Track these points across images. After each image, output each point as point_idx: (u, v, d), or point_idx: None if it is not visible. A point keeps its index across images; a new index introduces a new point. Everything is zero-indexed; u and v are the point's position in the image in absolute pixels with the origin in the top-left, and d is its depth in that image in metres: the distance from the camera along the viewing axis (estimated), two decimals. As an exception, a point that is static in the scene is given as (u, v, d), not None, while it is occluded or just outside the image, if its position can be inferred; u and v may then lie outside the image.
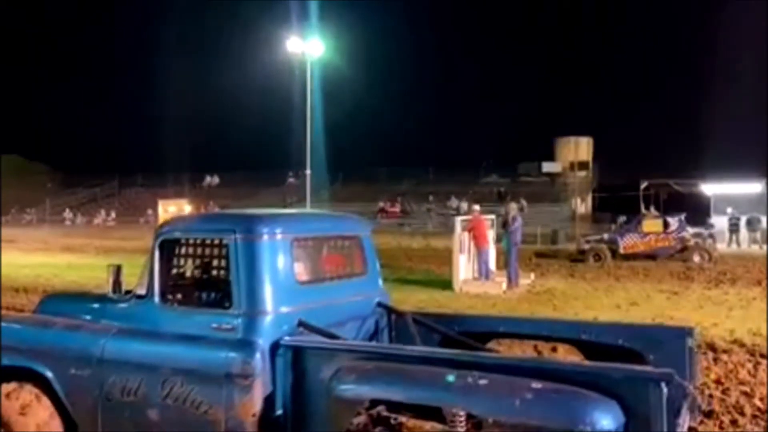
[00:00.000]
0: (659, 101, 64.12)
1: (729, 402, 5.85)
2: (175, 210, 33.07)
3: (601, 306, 11.66)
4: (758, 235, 27.17)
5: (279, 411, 3.28)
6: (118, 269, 3.97)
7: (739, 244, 26.61)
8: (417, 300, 11.85)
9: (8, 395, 3.78)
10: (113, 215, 47.28)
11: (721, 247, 24.25)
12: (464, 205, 36.41)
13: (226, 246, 3.61)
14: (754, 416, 5.47)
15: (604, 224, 29.92)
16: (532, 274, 16.03)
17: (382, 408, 3.11)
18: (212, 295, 3.86)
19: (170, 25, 70.17)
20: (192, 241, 3.92)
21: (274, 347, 3.32)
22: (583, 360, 3.88)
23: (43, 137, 69.24)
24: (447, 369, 2.89)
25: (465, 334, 4.06)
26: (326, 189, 42.09)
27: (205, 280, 4.03)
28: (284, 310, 3.48)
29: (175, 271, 3.94)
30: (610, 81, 67.33)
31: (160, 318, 3.67)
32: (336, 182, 46.02)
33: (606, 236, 22.08)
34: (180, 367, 3.42)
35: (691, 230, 21.14)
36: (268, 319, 3.40)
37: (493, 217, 16.45)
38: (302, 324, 3.48)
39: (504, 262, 14.79)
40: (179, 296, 3.89)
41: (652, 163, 39.44)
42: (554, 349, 6.23)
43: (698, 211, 28.45)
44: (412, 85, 72.59)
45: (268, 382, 3.28)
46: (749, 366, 7.11)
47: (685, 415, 3.15)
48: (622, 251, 20.85)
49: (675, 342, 3.55)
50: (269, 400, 3.26)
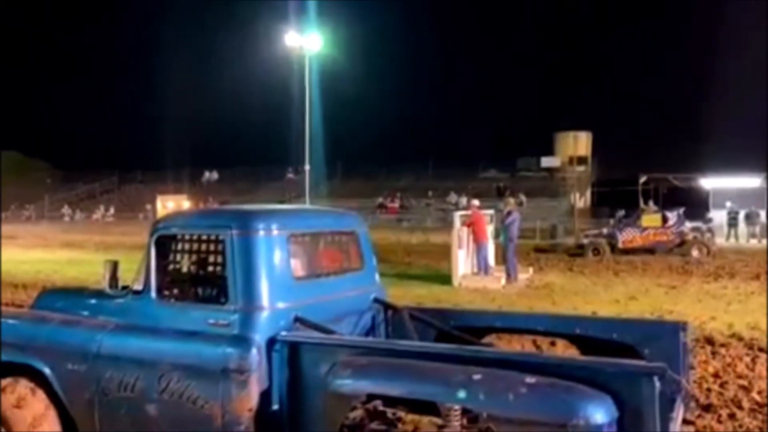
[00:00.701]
0: (658, 96, 64.11)
1: (727, 396, 5.86)
2: (174, 206, 33.10)
3: (599, 300, 11.68)
4: (757, 229, 27.20)
5: (275, 406, 3.29)
6: (115, 265, 3.97)
7: (737, 239, 26.63)
8: (416, 295, 11.86)
9: (4, 389, 3.79)
10: (112, 211, 47.29)
11: (720, 241, 24.27)
12: (463, 200, 36.41)
13: (223, 242, 3.61)
14: (752, 410, 5.48)
15: (603, 219, 29.94)
16: (531, 269, 16.05)
17: (378, 402, 3.13)
18: (209, 290, 3.86)
19: (168, 22, 70.04)
20: (188, 237, 3.92)
21: (271, 343, 3.32)
22: (578, 354, 3.90)
23: (42, 133, 69.20)
24: (442, 364, 2.91)
25: (461, 329, 4.07)
26: (325, 185, 42.08)
27: (201, 275, 4.02)
28: (280, 305, 3.48)
29: (171, 267, 3.94)
30: (609, 76, 67.32)
31: (156, 314, 3.68)
32: (335, 178, 46.00)
33: (605, 231, 22.13)
34: (176, 363, 3.42)
35: (689, 224, 21.20)
36: (264, 315, 3.41)
37: (491, 212, 16.48)
38: (298, 319, 3.48)
39: (502, 257, 14.82)
40: (176, 292, 3.89)
41: (651, 158, 39.44)
42: (553, 344, 6.26)
43: (697, 206, 28.54)
44: (411, 80, 72.49)
45: (265, 378, 3.29)
46: (747, 360, 7.13)
47: (679, 408, 3.17)
48: (620, 246, 20.90)
49: (669, 337, 3.57)
50: (265, 395, 3.27)
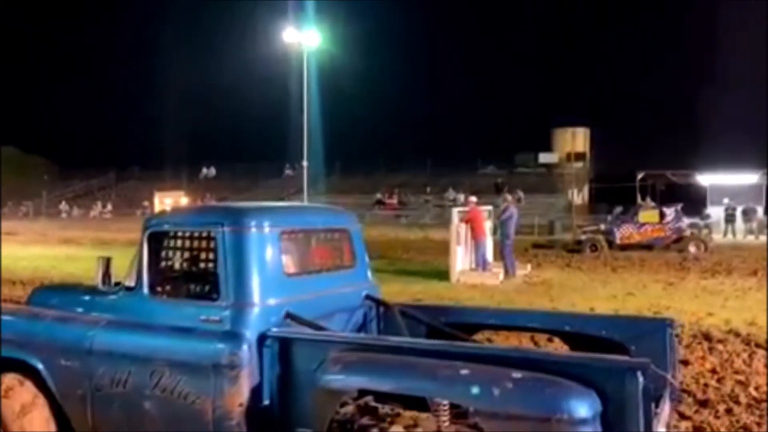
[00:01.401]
0: (656, 92, 64.14)
1: (724, 391, 5.87)
2: (172, 202, 33.07)
3: (597, 297, 11.70)
4: (754, 225, 27.28)
5: (266, 401, 3.31)
6: (108, 261, 3.98)
7: (735, 235, 26.70)
8: (414, 291, 11.88)
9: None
10: (109, 207, 47.24)
11: (717, 237, 24.33)
12: (461, 197, 36.42)
13: (214, 238, 3.63)
14: (749, 405, 5.49)
15: (601, 215, 30.01)
16: (529, 265, 16.07)
17: (369, 398, 3.15)
18: (200, 287, 3.87)
19: (166, 18, 69.97)
20: (180, 234, 3.94)
21: (262, 339, 3.33)
22: (567, 350, 3.93)
23: (39, 130, 69.02)
24: (431, 359, 2.93)
25: (452, 326, 4.09)
26: (324, 181, 42.06)
27: (193, 272, 4.03)
28: (272, 302, 3.49)
29: (163, 264, 3.95)
30: (607, 72, 67.31)
31: (148, 310, 3.68)
32: (333, 174, 45.99)
33: (602, 227, 22.16)
34: (168, 359, 3.43)
35: (687, 220, 21.23)
36: (255, 311, 3.42)
37: (490, 208, 16.49)
38: (290, 316, 3.50)
39: (500, 253, 14.84)
40: (168, 288, 3.90)
41: (649, 154, 39.54)
42: (550, 340, 6.28)
43: (694, 202, 28.57)
44: (409, 76, 72.46)
45: (256, 373, 3.30)
46: (744, 355, 7.14)
47: (666, 403, 3.21)
48: (618, 242, 20.93)
49: (656, 333, 3.61)
50: (256, 391, 3.29)
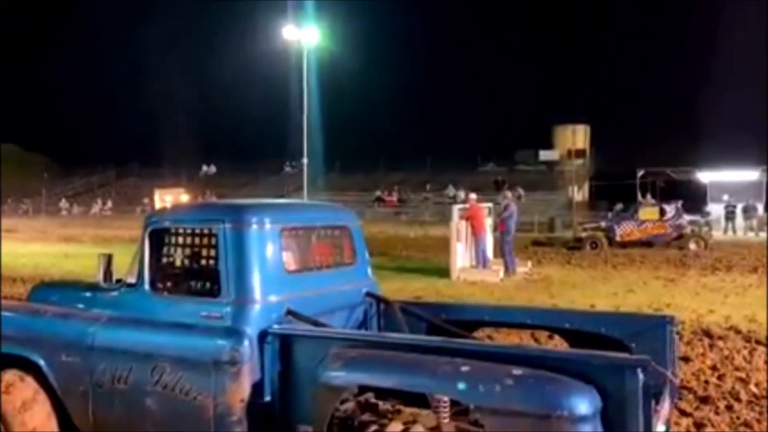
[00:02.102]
0: (656, 89, 64.09)
1: (725, 388, 5.87)
2: (172, 199, 33.05)
3: (597, 293, 11.70)
4: (754, 222, 27.28)
5: (267, 397, 3.32)
6: (109, 258, 3.98)
7: (735, 232, 26.70)
8: (415, 288, 11.88)
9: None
10: (110, 205, 47.23)
11: (717, 234, 24.33)
12: (461, 194, 36.40)
13: (215, 235, 3.64)
14: (750, 402, 5.50)
15: (601, 212, 29.99)
16: (529, 262, 16.06)
17: (370, 395, 3.15)
18: (201, 283, 3.88)
19: (166, 16, 69.79)
20: (181, 231, 3.95)
21: (263, 335, 3.34)
22: (567, 347, 3.93)
23: (39, 127, 68.98)
24: (431, 356, 2.93)
25: (452, 323, 4.09)
26: (324, 178, 42.05)
27: (194, 269, 4.03)
28: (273, 298, 3.49)
29: (164, 260, 3.96)
30: (607, 69, 67.25)
31: (149, 306, 3.69)
32: (333, 171, 45.98)
33: (603, 224, 22.16)
34: (169, 355, 3.44)
35: (687, 218, 21.24)
36: (256, 308, 3.42)
37: (490, 205, 16.48)
38: (290, 312, 3.50)
39: (500, 251, 14.84)
40: (169, 285, 3.90)
41: (649, 151, 39.47)
42: (551, 337, 6.28)
43: (694, 199, 28.58)
44: (409, 73, 72.37)
45: (257, 370, 3.31)
46: (745, 352, 7.14)
47: (666, 400, 3.23)
48: (618, 239, 20.94)
49: (656, 330, 3.61)
50: (257, 387, 3.29)
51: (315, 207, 5.57)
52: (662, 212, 21.03)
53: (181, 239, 3.98)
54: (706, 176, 31.90)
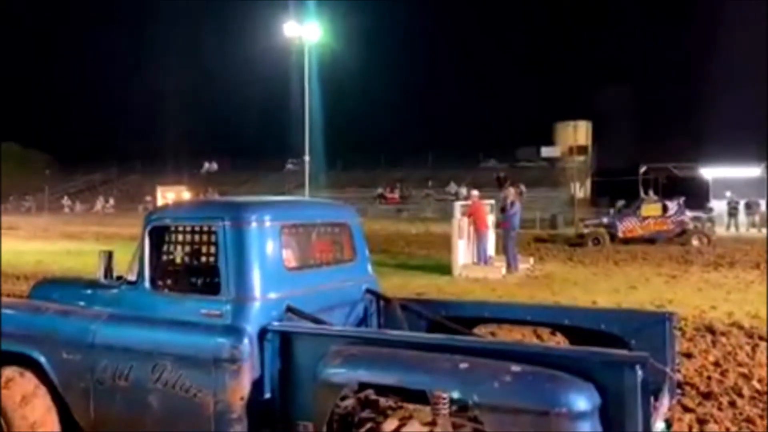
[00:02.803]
0: (658, 85, 63.98)
1: (727, 384, 5.87)
2: (174, 196, 33.09)
3: (599, 290, 11.69)
4: (757, 218, 27.24)
5: (267, 395, 3.32)
6: (109, 255, 3.99)
7: (737, 228, 26.66)
8: (417, 285, 11.88)
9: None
10: (112, 202, 47.29)
11: (720, 230, 24.29)
12: (463, 191, 36.42)
13: (215, 233, 3.63)
14: (753, 398, 5.48)
15: (603, 209, 29.95)
16: (531, 259, 16.05)
17: (370, 392, 3.15)
18: (202, 281, 3.89)
19: (167, 13, 69.76)
20: (181, 228, 3.96)
21: (263, 333, 3.34)
22: (567, 344, 3.93)
23: (40, 125, 69.03)
24: (430, 353, 2.94)
25: (452, 320, 4.09)
26: (325, 175, 42.06)
27: (194, 266, 4.05)
28: (272, 296, 3.49)
29: (165, 258, 3.97)
30: (608, 65, 67.10)
31: (150, 304, 3.69)
32: (335, 168, 46.00)
33: (605, 220, 22.15)
34: (170, 352, 3.44)
35: (689, 214, 21.21)
36: (256, 305, 3.42)
37: (492, 201, 16.48)
38: (290, 310, 3.50)
39: (503, 247, 14.83)
40: (169, 282, 3.91)
41: (651, 148, 39.38)
42: (553, 334, 6.28)
43: (697, 196, 28.53)
44: (411, 70, 72.25)
45: (257, 367, 3.31)
46: (747, 348, 7.14)
47: (665, 396, 3.23)
48: (621, 235, 20.91)
49: (655, 327, 3.61)
50: (257, 385, 3.30)
51: (315, 204, 5.58)
52: (664, 209, 21.00)
53: (181, 237, 4.00)
54: (708, 172, 31.84)
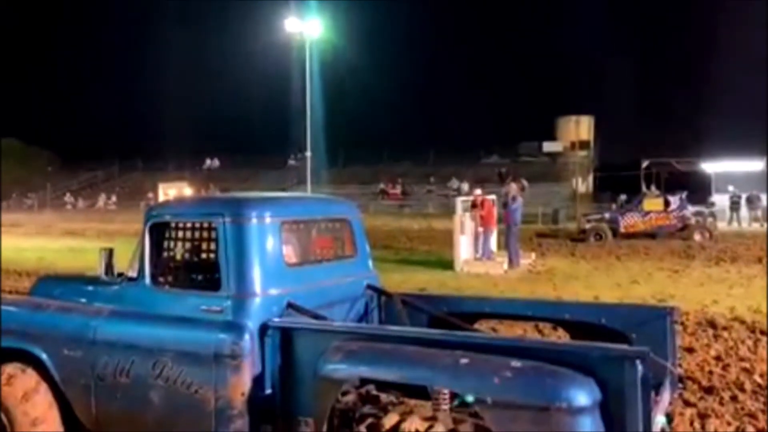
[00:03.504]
0: (660, 80, 63.80)
1: (729, 378, 5.88)
2: (176, 193, 33.06)
3: (601, 285, 11.69)
4: (759, 213, 27.17)
5: (268, 390, 3.33)
6: (110, 252, 4.00)
7: (739, 223, 26.61)
8: (419, 280, 11.90)
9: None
10: (114, 199, 47.30)
11: (722, 225, 24.26)
12: (465, 186, 36.37)
13: (215, 229, 3.64)
14: (754, 392, 5.49)
15: (605, 203, 29.92)
16: (533, 254, 16.07)
17: (371, 387, 3.16)
18: (202, 277, 3.89)
19: (168, 8, 69.60)
20: (182, 225, 3.98)
21: (263, 328, 3.35)
22: (570, 338, 3.93)
23: (42, 121, 69.03)
24: (431, 349, 2.94)
25: (453, 315, 4.10)
26: (326, 171, 42.03)
27: (194, 262, 4.06)
28: (273, 292, 3.50)
29: (165, 254, 3.98)
30: (610, 59, 66.92)
31: (150, 300, 3.70)
32: (336, 164, 45.95)
33: (607, 215, 22.12)
34: (170, 349, 3.45)
35: (691, 209, 21.18)
36: (256, 301, 3.43)
37: (493, 197, 16.48)
38: (291, 306, 3.51)
39: (504, 243, 14.84)
40: (169, 279, 3.92)
41: (653, 142, 39.29)
42: (555, 329, 6.28)
43: (699, 190, 28.47)
44: (412, 65, 72.06)
45: (257, 363, 3.32)
46: (749, 343, 7.14)
47: (666, 391, 3.23)
48: (623, 230, 20.90)
49: (656, 321, 3.62)
50: (258, 380, 3.31)
51: (315, 200, 5.58)
52: (666, 203, 20.97)
53: (181, 233, 4.02)
54: (710, 167, 31.76)
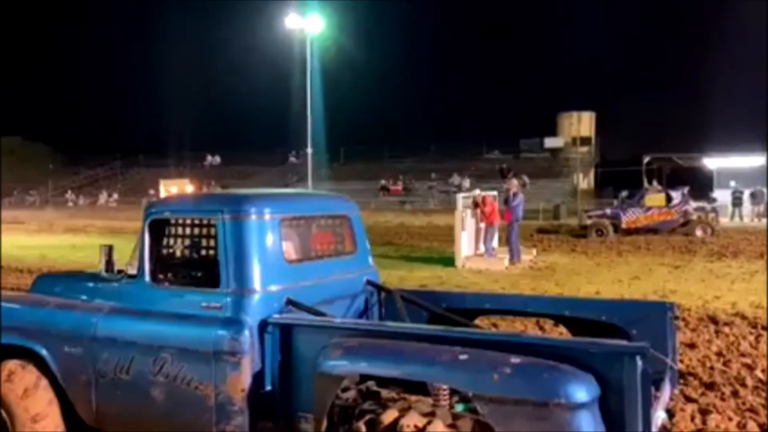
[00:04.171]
0: (662, 75, 63.63)
1: (730, 374, 5.86)
2: (177, 190, 33.07)
3: (602, 281, 11.68)
4: (761, 208, 27.12)
5: (268, 387, 3.34)
6: (110, 249, 4.00)
7: (741, 218, 26.58)
8: (420, 276, 11.90)
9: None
10: (115, 196, 47.33)
11: (724, 220, 24.23)
12: (466, 183, 36.36)
13: (215, 226, 3.64)
14: (756, 388, 5.47)
15: (607, 199, 29.88)
16: (534, 250, 16.05)
17: (371, 383, 3.16)
18: (202, 274, 3.89)
19: (170, 5, 69.53)
20: (181, 221, 3.98)
21: (263, 325, 3.35)
22: (570, 334, 3.94)
23: (44, 118, 69.07)
24: (430, 345, 2.94)
25: (452, 311, 4.11)
26: (328, 167, 42.02)
27: (194, 259, 4.06)
28: (272, 288, 3.50)
29: (165, 251, 3.98)
30: (612, 55, 66.74)
31: (150, 297, 3.70)
32: (337, 160, 45.94)
33: (608, 211, 22.07)
34: (170, 345, 3.46)
35: (693, 204, 21.13)
36: (256, 298, 3.43)
37: (494, 193, 16.46)
38: (291, 302, 3.51)
39: (506, 239, 14.83)
40: (169, 275, 3.91)
41: (655, 138, 39.26)
42: (556, 325, 6.28)
43: (701, 186, 28.43)
44: (413, 62, 72.06)
45: (257, 359, 3.33)
46: (751, 338, 7.12)
47: (666, 386, 3.24)
48: (624, 226, 20.86)
49: (656, 317, 3.62)
50: (258, 377, 3.31)
51: (315, 196, 5.58)
52: (668, 199, 20.93)
53: (180, 230, 4.02)
54: (713, 162, 31.70)
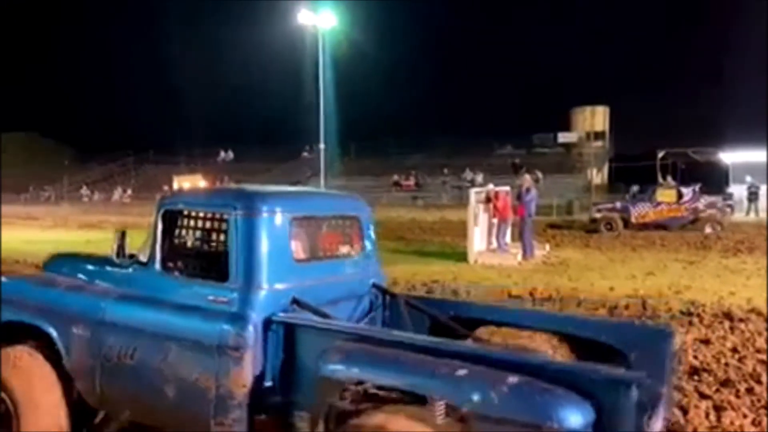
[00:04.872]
0: (677, 69, 63.06)
1: (745, 370, 5.81)
2: (190, 185, 33.28)
3: (616, 276, 11.62)
4: (779, 203, 26.83)
5: (268, 383, 3.35)
6: (123, 234, 4.04)
7: (757, 213, 26.31)
8: (432, 271, 11.90)
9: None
10: (129, 192, 47.67)
11: (740, 216, 24.01)
12: (479, 178, 36.25)
13: (226, 221, 3.66)
14: (771, 384, 5.46)
15: (620, 194, 29.68)
16: (547, 245, 15.98)
17: (369, 385, 3.17)
18: (211, 267, 3.90)
19: (181, 2, 69.77)
20: (194, 214, 4.02)
21: (267, 322, 3.36)
22: (569, 352, 3.92)
23: (59, 115, 69.64)
24: (431, 357, 2.93)
25: (455, 319, 4.10)
26: (340, 163, 42.06)
27: (204, 252, 4.08)
28: (279, 286, 3.51)
29: (176, 242, 4.01)
30: (626, 49, 66.19)
31: (159, 285, 3.72)
32: (350, 156, 45.92)
33: (618, 205, 21.94)
34: (175, 335, 3.47)
35: (704, 201, 20.90)
36: (262, 295, 3.44)
37: (507, 188, 16.40)
38: (296, 301, 3.51)
39: (518, 234, 14.79)
40: (179, 266, 3.93)
41: (670, 132, 38.91)
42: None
43: (717, 180, 28.18)
44: (425, 56, 71.84)
45: (260, 356, 3.33)
46: (766, 334, 7.08)
47: (660, 414, 3.23)
48: (633, 220, 20.74)
49: (655, 342, 3.60)
50: (259, 373, 3.32)
51: (326, 196, 5.60)
52: (679, 195, 20.78)
53: (193, 222, 4.06)
54: (728, 157, 31.41)
